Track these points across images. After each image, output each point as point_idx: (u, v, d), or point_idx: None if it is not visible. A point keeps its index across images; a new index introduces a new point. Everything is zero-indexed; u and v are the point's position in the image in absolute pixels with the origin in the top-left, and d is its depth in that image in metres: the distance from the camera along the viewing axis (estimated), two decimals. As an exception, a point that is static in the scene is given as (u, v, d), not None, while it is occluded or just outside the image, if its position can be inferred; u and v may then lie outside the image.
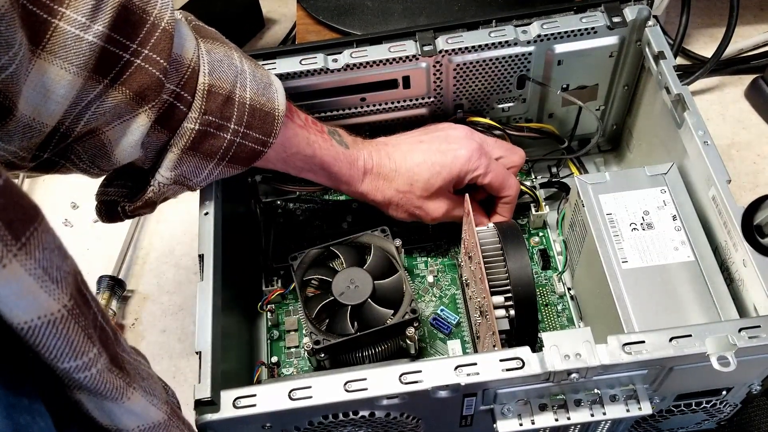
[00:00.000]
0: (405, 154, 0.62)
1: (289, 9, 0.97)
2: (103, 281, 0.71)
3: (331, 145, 0.59)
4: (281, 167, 0.58)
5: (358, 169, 0.61)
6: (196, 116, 0.49)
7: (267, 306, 0.68)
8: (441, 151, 0.62)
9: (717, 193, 0.53)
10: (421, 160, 0.62)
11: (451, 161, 0.61)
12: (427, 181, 0.62)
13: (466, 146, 0.62)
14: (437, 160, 0.61)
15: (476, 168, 0.62)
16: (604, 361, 0.44)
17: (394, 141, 0.64)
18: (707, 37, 0.89)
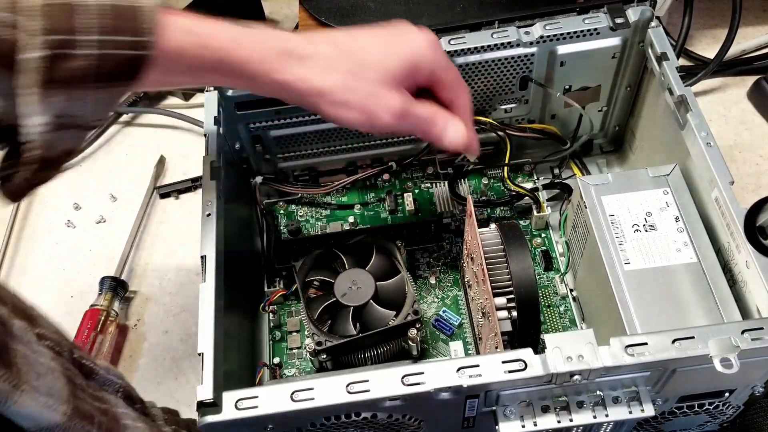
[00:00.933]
0: (350, 35, 0.52)
1: (292, 10, 0.97)
2: (106, 282, 0.71)
3: (232, 27, 0.50)
4: (179, 78, 0.48)
5: (274, 48, 0.49)
6: (34, 41, 0.38)
7: (269, 307, 0.68)
8: (394, 36, 0.52)
9: (720, 195, 0.53)
10: (373, 41, 0.52)
11: (410, 47, 0.51)
12: (382, 64, 0.50)
13: (424, 35, 0.52)
14: (393, 43, 0.51)
15: (437, 59, 0.52)
16: (607, 363, 0.44)
17: (329, 31, 0.54)
18: (710, 39, 0.89)
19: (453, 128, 0.52)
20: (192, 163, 0.83)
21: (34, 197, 0.82)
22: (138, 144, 0.86)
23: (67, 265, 0.76)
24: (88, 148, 0.85)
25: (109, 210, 0.80)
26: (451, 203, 0.73)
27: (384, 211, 0.74)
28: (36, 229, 0.79)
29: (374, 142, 0.72)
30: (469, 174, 0.76)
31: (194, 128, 0.85)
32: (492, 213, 0.73)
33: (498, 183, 0.75)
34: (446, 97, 0.53)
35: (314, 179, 0.76)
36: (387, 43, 0.51)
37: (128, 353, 0.69)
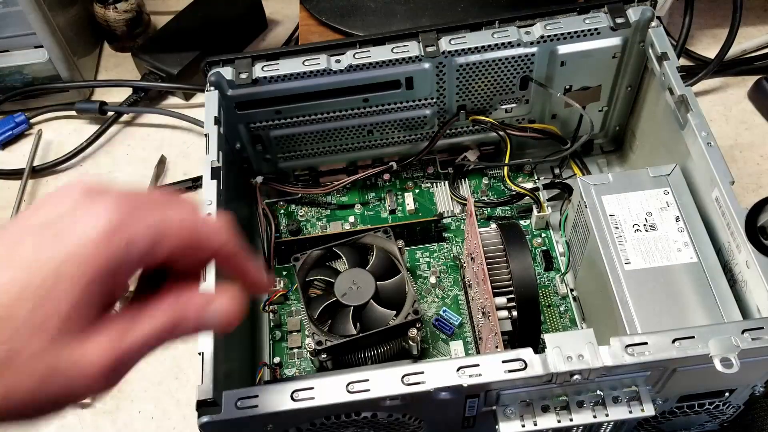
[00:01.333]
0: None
1: (292, 10, 0.97)
2: (106, 282, 0.71)
3: None
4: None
5: None
6: None
7: (269, 307, 0.68)
8: (52, 236, 0.31)
9: (720, 194, 0.53)
10: (14, 274, 0.30)
11: (80, 249, 0.30)
12: (51, 308, 0.30)
13: (95, 212, 0.31)
14: (51, 257, 0.30)
15: (136, 236, 0.32)
16: (607, 363, 0.44)
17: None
18: (710, 38, 0.89)
19: (213, 311, 0.35)
20: (192, 163, 0.83)
21: (34, 197, 0.82)
22: (138, 144, 0.86)
23: (67, 264, 0.76)
24: (88, 148, 0.85)
25: (110, 210, 0.80)
26: (452, 203, 0.74)
27: (384, 211, 0.74)
28: (36, 228, 0.79)
29: (374, 142, 0.73)
30: (470, 174, 0.76)
31: (195, 128, 0.85)
32: (492, 213, 0.73)
33: (498, 183, 0.75)
34: (193, 258, 0.36)
35: (314, 179, 0.76)
36: (46, 265, 0.30)
37: (128, 353, 0.69)
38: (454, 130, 0.73)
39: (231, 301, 0.35)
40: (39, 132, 0.86)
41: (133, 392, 0.67)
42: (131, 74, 0.91)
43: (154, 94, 0.89)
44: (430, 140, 0.72)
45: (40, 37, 0.82)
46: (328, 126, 0.69)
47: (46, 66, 0.85)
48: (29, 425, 0.31)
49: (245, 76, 0.63)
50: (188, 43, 0.88)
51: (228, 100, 0.65)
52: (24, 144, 0.87)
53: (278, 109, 0.67)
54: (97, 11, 0.90)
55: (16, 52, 0.84)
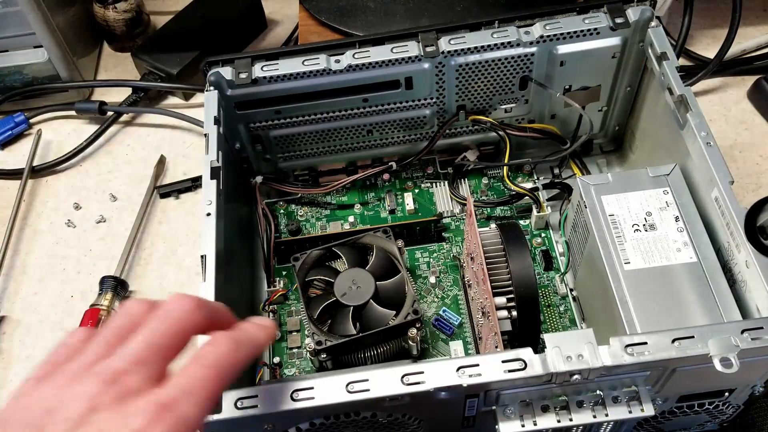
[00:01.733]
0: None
1: (292, 10, 0.97)
2: (106, 282, 0.71)
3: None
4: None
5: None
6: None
7: (269, 307, 0.68)
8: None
9: (720, 194, 0.53)
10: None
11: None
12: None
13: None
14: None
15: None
16: (607, 363, 0.44)
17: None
18: (710, 38, 0.89)
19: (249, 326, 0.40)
20: (192, 163, 0.83)
21: (34, 197, 0.82)
22: (138, 144, 0.86)
23: (67, 264, 0.76)
24: (88, 148, 0.85)
25: (109, 210, 0.80)
26: (451, 203, 0.74)
27: (384, 211, 0.74)
28: (36, 229, 0.79)
29: (374, 142, 0.73)
30: (469, 174, 0.76)
31: (194, 128, 0.85)
32: (492, 213, 0.73)
33: (498, 183, 0.75)
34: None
35: (314, 179, 0.76)
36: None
37: (128, 353, 0.69)
38: (454, 130, 0.73)
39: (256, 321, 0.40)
40: (38, 132, 0.86)
41: (133, 392, 0.67)
42: (131, 74, 0.91)
43: (153, 94, 0.89)
44: (429, 140, 0.72)
45: (40, 37, 0.82)
46: (327, 126, 0.69)
47: (46, 66, 0.85)
48: None
49: (245, 76, 0.63)
50: (188, 43, 0.88)
51: (227, 100, 0.65)
52: (23, 144, 0.87)
53: (278, 109, 0.67)
54: (97, 11, 0.90)
55: (16, 52, 0.84)
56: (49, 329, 0.71)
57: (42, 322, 0.72)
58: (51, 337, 0.71)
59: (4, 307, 0.73)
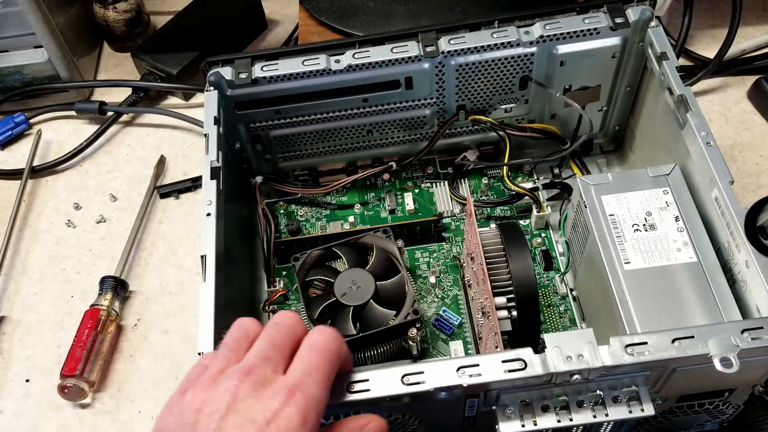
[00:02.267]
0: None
1: (292, 10, 0.97)
2: (106, 282, 0.71)
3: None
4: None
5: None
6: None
7: (269, 307, 0.68)
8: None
9: (720, 194, 0.53)
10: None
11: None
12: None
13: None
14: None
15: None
16: (607, 363, 0.44)
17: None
18: (710, 38, 0.89)
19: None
20: (192, 163, 0.83)
21: (34, 197, 0.82)
22: (138, 144, 0.86)
23: (67, 264, 0.76)
24: (88, 148, 0.85)
25: (110, 210, 0.80)
26: (451, 203, 0.74)
27: (384, 211, 0.74)
28: (36, 229, 0.79)
29: (374, 142, 0.73)
30: (469, 174, 0.76)
31: (194, 128, 0.86)
32: (492, 213, 0.73)
33: (498, 183, 0.75)
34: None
35: (314, 179, 0.76)
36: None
37: (128, 353, 0.69)
38: (454, 129, 0.73)
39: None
40: (38, 132, 0.86)
41: (133, 392, 0.67)
42: (131, 74, 0.91)
43: (153, 94, 0.89)
44: (429, 140, 0.72)
45: (40, 37, 0.82)
46: (327, 126, 0.69)
47: (46, 66, 0.85)
48: None
49: (245, 76, 0.63)
50: (188, 43, 0.88)
51: (227, 100, 0.65)
52: (24, 144, 0.87)
53: (278, 109, 0.67)
54: (97, 11, 0.90)
55: (16, 52, 0.84)
56: (49, 329, 0.71)
57: (42, 322, 0.72)
58: (51, 336, 0.71)
59: (4, 307, 0.73)
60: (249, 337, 0.44)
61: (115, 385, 0.67)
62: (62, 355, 0.67)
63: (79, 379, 0.65)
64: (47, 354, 0.70)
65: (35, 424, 0.65)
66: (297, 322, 0.45)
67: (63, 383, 0.64)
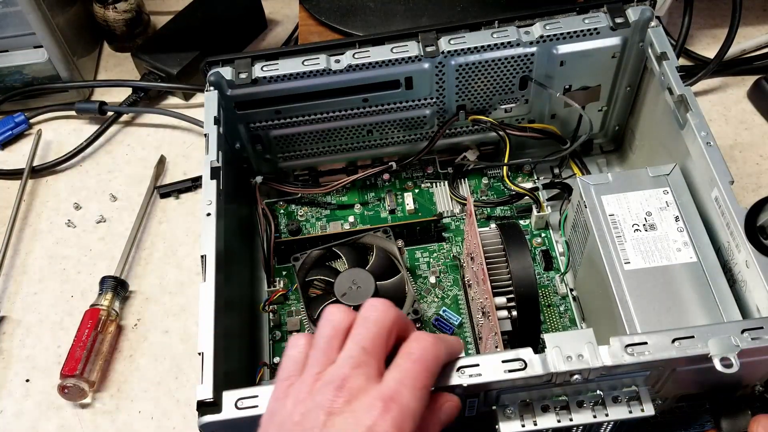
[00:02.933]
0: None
1: (292, 10, 0.97)
2: (106, 282, 0.71)
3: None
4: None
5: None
6: None
7: (269, 307, 0.68)
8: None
9: (720, 194, 0.53)
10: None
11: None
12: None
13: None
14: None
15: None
16: (607, 363, 0.44)
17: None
18: (710, 38, 0.89)
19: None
20: (192, 163, 0.83)
21: (34, 197, 0.82)
22: (138, 144, 0.86)
23: (67, 264, 0.76)
24: (88, 148, 0.85)
25: (110, 210, 0.80)
26: (451, 203, 0.74)
27: (384, 211, 0.74)
28: (36, 228, 0.79)
29: (374, 142, 0.73)
30: (469, 174, 0.76)
31: (194, 128, 0.86)
32: (492, 212, 0.73)
33: (498, 183, 0.75)
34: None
35: (314, 179, 0.76)
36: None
37: (128, 353, 0.69)
38: (454, 129, 0.73)
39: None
40: (39, 132, 0.86)
41: (133, 392, 0.67)
42: (131, 74, 0.91)
43: (153, 94, 0.89)
44: (429, 140, 0.72)
45: (40, 37, 0.82)
46: (327, 126, 0.69)
47: (46, 66, 0.85)
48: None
49: (245, 76, 0.63)
50: (188, 43, 0.88)
51: (227, 100, 0.65)
52: (24, 144, 0.87)
53: (278, 109, 0.67)
54: (97, 11, 0.90)
55: (16, 52, 0.84)
56: (49, 329, 0.71)
57: (42, 322, 0.72)
58: (51, 336, 0.71)
59: (4, 307, 0.73)
60: (340, 335, 0.43)
61: (115, 385, 0.67)
62: (62, 355, 0.67)
63: (79, 379, 0.65)
64: (47, 354, 0.70)
65: (35, 424, 0.65)
66: (385, 314, 0.43)
67: (63, 383, 0.65)
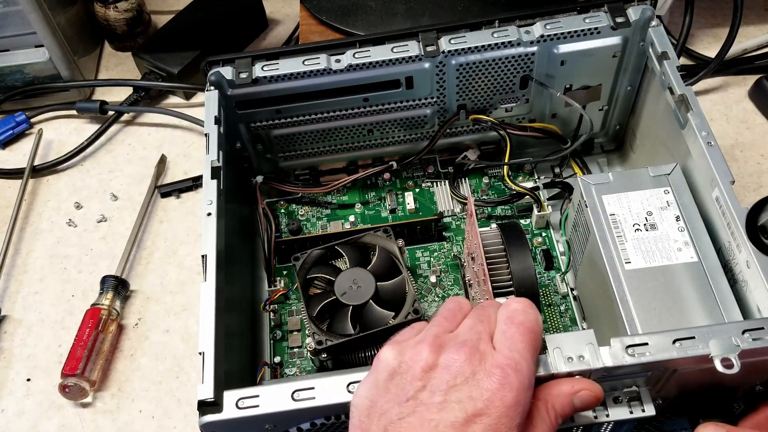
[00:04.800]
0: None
1: (293, 9, 0.97)
2: (107, 281, 0.71)
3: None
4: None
5: None
6: None
7: (270, 306, 0.68)
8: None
9: (720, 194, 0.53)
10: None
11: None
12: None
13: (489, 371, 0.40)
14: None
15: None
16: (607, 364, 0.44)
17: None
18: (711, 38, 0.89)
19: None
20: (193, 163, 0.83)
21: (35, 197, 0.82)
22: (139, 143, 0.86)
23: (68, 264, 0.76)
24: (89, 148, 0.85)
25: (110, 209, 0.80)
26: (452, 202, 0.74)
27: (385, 211, 0.74)
28: (37, 228, 0.79)
29: (375, 141, 0.73)
30: (470, 173, 0.76)
31: (195, 127, 0.86)
32: (492, 212, 0.73)
33: (498, 182, 0.75)
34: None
35: (315, 178, 0.76)
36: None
37: (129, 352, 0.69)
38: (455, 129, 0.73)
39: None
40: (39, 131, 0.86)
41: (134, 391, 0.67)
42: (132, 73, 0.91)
43: (154, 94, 0.89)
44: (430, 139, 0.72)
45: (41, 36, 0.82)
46: (328, 125, 0.69)
47: (47, 65, 0.85)
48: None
49: (245, 76, 0.63)
50: (189, 43, 0.88)
51: (228, 99, 0.65)
52: (25, 143, 0.87)
53: (278, 109, 0.67)
54: (98, 10, 0.90)
55: (17, 52, 0.84)
56: (50, 328, 0.71)
57: (43, 321, 0.72)
58: (52, 336, 0.71)
59: (5, 306, 0.73)
60: (463, 311, 0.45)
61: (116, 384, 0.67)
62: (63, 354, 0.67)
63: (80, 379, 0.65)
64: (48, 353, 0.70)
65: (36, 424, 0.65)
66: (495, 305, 0.45)
67: (64, 382, 0.65)
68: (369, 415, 0.41)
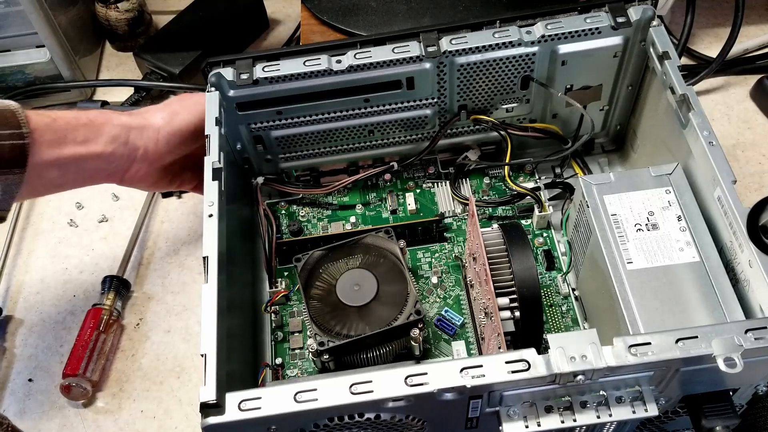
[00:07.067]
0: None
1: (294, 10, 0.97)
2: (108, 281, 0.71)
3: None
4: (60, 150, 0.56)
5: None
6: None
7: (271, 307, 0.68)
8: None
9: (722, 194, 0.53)
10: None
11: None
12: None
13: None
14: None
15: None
16: (610, 363, 0.44)
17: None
18: (712, 37, 0.89)
19: None
20: (194, 163, 0.83)
21: (37, 198, 0.82)
22: (140, 144, 0.86)
23: (69, 264, 0.76)
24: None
25: (112, 209, 0.80)
26: (453, 203, 0.74)
27: (385, 211, 0.74)
28: (39, 228, 0.79)
29: (375, 142, 0.73)
30: (471, 173, 0.76)
31: (196, 128, 0.85)
32: (494, 212, 0.73)
33: (499, 182, 0.75)
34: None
35: (316, 179, 0.76)
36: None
37: (130, 352, 0.69)
38: (455, 129, 0.73)
39: None
40: (40, 132, 0.85)
41: (135, 392, 0.67)
42: (133, 74, 0.91)
43: (155, 94, 0.89)
44: (431, 140, 0.72)
45: (42, 36, 0.82)
46: (329, 126, 0.69)
47: (48, 65, 0.85)
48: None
49: (246, 77, 0.63)
50: (190, 43, 0.88)
51: (229, 100, 0.65)
52: (25, 144, 0.87)
53: (279, 110, 0.67)
54: (99, 11, 0.90)
55: (18, 52, 0.84)
56: (52, 329, 0.71)
57: (44, 321, 0.72)
58: (53, 336, 0.71)
59: (7, 306, 0.73)
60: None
61: (117, 384, 0.67)
62: (64, 354, 0.67)
63: (81, 379, 0.65)
64: (49, 353, 0.70)
65: (37, 423, 0.65)
66: None
67: (65, 382, 0.65)
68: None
